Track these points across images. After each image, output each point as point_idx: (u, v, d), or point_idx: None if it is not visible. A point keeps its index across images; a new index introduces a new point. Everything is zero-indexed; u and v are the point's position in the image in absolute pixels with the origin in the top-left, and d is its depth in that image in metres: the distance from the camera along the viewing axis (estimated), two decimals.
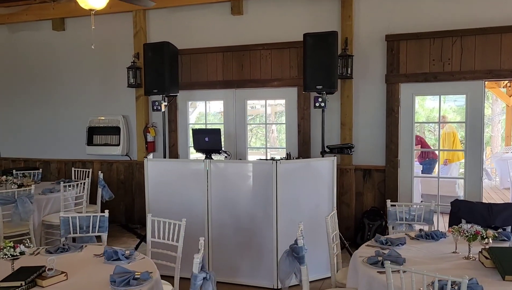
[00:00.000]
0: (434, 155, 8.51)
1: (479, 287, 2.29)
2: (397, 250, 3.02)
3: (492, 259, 2.62)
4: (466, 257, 2.87)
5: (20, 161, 7.76)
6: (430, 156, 8.61)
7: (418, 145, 7.99)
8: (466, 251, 2.89)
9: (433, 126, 10.06)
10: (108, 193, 6.06)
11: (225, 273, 4.58)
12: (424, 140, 9.38)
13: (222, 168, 4.61)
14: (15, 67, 7.71)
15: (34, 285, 2.51)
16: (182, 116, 6.78)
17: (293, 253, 2.83)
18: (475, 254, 2.84)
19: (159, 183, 4.81)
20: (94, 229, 3.59)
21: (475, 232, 2.80)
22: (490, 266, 2.64)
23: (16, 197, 4.81)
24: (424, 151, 8.53)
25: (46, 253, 3.11)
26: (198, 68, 6.58)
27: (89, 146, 7.11)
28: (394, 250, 2.90)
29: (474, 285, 2.29)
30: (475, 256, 2.84)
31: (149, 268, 2.77)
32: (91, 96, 7.25)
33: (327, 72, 4.89)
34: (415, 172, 6.00)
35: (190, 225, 4.64)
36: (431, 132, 11.91)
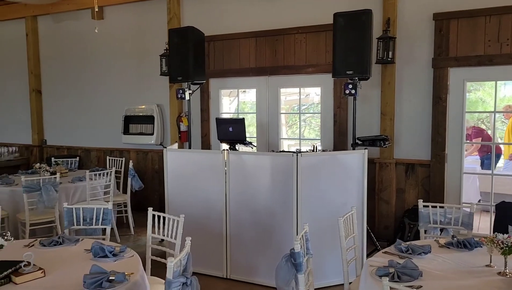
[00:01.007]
0: (498, 149, 7.64)
1: None
2: (418, 260, 2.58)
3: None
4: (501, 273, 2.37)
5: (63, 149, 7.96)
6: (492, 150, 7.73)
7: (479, 138, 7.20)
8: (502, 265, 2.39)
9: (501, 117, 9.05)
10: (138, 183, 5.99)
11: (243, 272, 4.31)
12: (487, 132, 8.47)
13: (241, 159, 4.31)
14: (59, 57, 7.88)
15: (8, 281, 2.38)
16: (214, 105, 6.55)
17: (291, 259, 2.49)
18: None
19: (178, 174, 4.62)
20: (98, 221, 3.45)
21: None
22: None
23: (41, 185, 4.84)
24: (486, 145, 7.68)
25: (40, 246, 3.00)
26: (231, 54, 6.31)
27: (125, 135, 7.11)
28: (410, 260, 2.46)
29: None
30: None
31: (133, 268, 2.55)
32: (127, 85, 7.23)
33: (359, 56, 4.41)
34: (465, 167, 5.35)
35: (208, 220, 4.44)
36: (505, 123, 10.73)
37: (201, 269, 4.53)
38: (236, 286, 4.24)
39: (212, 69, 6.43)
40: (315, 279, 4.00)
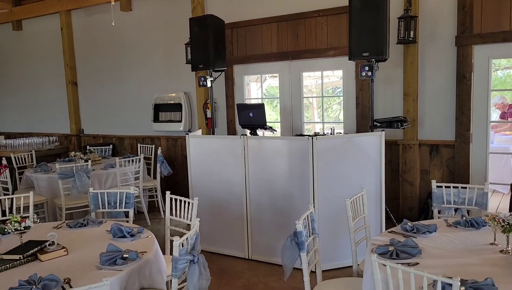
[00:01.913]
0: None
1: (493, 289, 1.85)
2: (422, 239, 2.61)
3: None
4: (503, 251, 2.37)
5: (99, 137, 8.33)
6: None
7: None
8: (505, 244, 2.38)
9: None
10: (167, 169, 6.22)
11: (263, 252, 4.45)
12: None
13: (259, 144, 4.42)
14: (92, 49, 8.21)
15: (34, 259, 2.61)
16: (239, 91, 6.66)
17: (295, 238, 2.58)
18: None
19: (201, 159, 4.79)
20: (121, 205, 3.66)
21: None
22: None
23: (74, 172, 5.14)
24: None
25: (66, 227, 3.25)
26: (253, 40, 6.37)
27: (155, 122, 7.36)
28: (411, 239, 2.50)
29: (487, 287, 1.86)
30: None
31: (147, 247, 2.73)
32: (156, 74, 7.46)
33: (375, 37, 4.37)
34: (496, 147, 5.22)
35: (230, 203, 4.59)
36: None
37: (224, 250, 4.72)
38: (257, 266, 4.39)
39: (236, 56, 6.53)
40: (331, 261, 4.11)
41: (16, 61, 9.42)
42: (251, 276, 4.13)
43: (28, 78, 9.29)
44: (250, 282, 4.00)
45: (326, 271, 4.09)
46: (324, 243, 4.14)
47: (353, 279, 2.77)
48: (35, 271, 2.29)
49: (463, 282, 1.93)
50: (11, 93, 9.67)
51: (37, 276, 2.20)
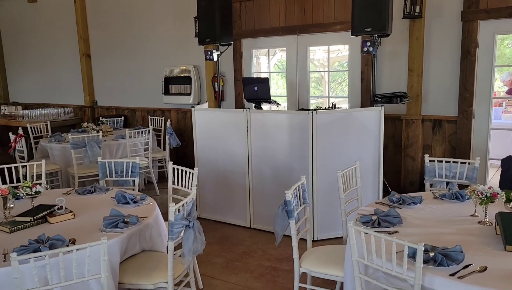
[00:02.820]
0: None
1: (460, 255, 1.99)
2: (406, 210, 2.75)
3: (499, 225, 2.23)
4: (481, 222, 2.49)
5: (112, 109, 8.55)
6: None
7: None
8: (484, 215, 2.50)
9: None
10: (175, 141, 6.41)
11: (264, 222, 4.63)
12: None
13: (261, 117, 4.55)
14: (105, 22, 8.32)
15: (44, 221, 2.83)
16: (247, 65, 6.75)
17: (285, 207, 2.74)
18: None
19: (206, 131, 4.95)
20: (128, 173, 3.86)
21: (492, 194, 2.39)
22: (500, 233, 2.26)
23: (86, 142, 5.36)
24: None
25: (75, 193, 3.46)
26: (261, 14, 6.41)
27: (165, 95, 7.52)
28: (394, 209, 2.63)
29: (455, 253, 2.00)
30: (494, 221, 2.44)
31: (148, 213, 2.92)
32: (167, 47, 7.56)
33: (377, 12, 4.39)
34: (497, 124, 5.24)
35: (233, 174, 4.77)
36: None
37: (227, 219, 4.93)
38: (259, 234, 4.59)
39: (244, 29, 6.58)
40: (328, 231, 4.28)
41: (31, 33, 9.61)
42: (251, 244, 4.33)
43: (44, 50, 9.49)
44: (250, 249, 4.20)
45: (323, 240, 4.27)
46: (322, 214, 4.32)
47: (341, 246, 2.93)
48: (44, 232, 2.51)
49: (434, 249, 2.07)
50: (28, 65, 9.91)
51: (45, 236, 2.41)
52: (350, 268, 2.32)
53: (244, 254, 4.10)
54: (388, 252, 1.98)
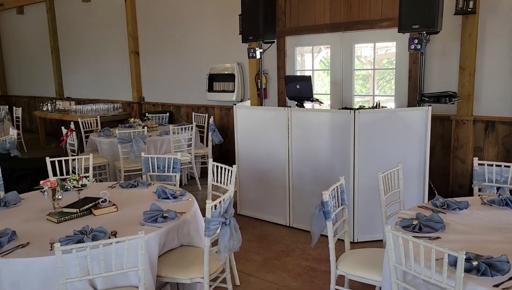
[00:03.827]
0: None
1: (506, 265, 1.88)
2: (451, 215, 2.63)
3: None
4: None
5: (158, 105, 8.77)
6: None
7: None
8: None
9: None
10: (218, 137, 6.48)
11: (304, 221, 4.59)
12: None
13: (302, 116, 4.50)
14: (154, 20, 8.54)
15: (89, 213, 2.94)
16: (290, 63, 6.71)
17: (322, 208, 2.70)
18: None
19: (247, 129, 4.97)
20: (169, 169, 3.94)
21: None
22: None
23: (131, 137, 5.53)
24: None
25: (119, 187, 3.58)
26: (306, 11, 6.34)
27: (209, 92, 7.62)
28: (437, 214, 2.52)
29: (501, 263, 1.89)
30: None
31: (187, 209, 2.97)
32: (212, 44, 7.65)
33: (426, 8, 4.21)
34: None
35: (273, 172, 4.77)
36: None
37: (266, 217, 4.93)
38: (297, 233, 4.56)
39: (288, 27, 6.54)
40: (369, 233, 4.19)
41: (85, 31, 10.03)
42: (290, 243, 4.31)
43: (96, 47, 9.88)
44: (288, 248, 4.18)
45: (363, 242, 4.18)
46: (362, 216, 4.23)
47: (380, 250, 2.85)
48: (88, 223, 2.61)
49: (478, 257, 1.97)
50: (81, 62, 10.36)
51: (89, 227, 2.51)
52: (388, 273, 2.25)
53: (282, 253, 4.08)
54: (428, 259, 1.90)
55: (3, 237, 2.37)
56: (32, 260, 2.26)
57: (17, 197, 3.20)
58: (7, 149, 5.13)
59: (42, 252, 2.32)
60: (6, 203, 3.08)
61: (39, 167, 4.47)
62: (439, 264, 1.88)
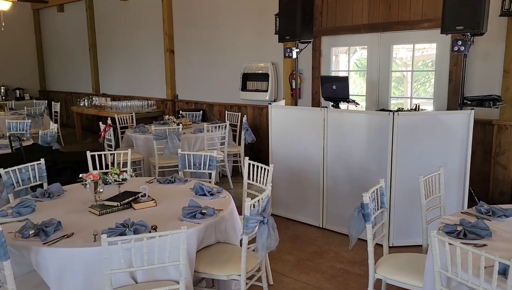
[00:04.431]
0: None
1: None
2: (497, 222, 2.55)
3: None
4: None
5: (191, 103, 8.87)
6: None
7: None
8: None
9: None
10: (251, 136, 6.49)
11: (337, 223, 4.55)
12: None
13: (339, 117, 4.46)
14: (189, 18, 8.63)
15: (129, 207, 3.00)
16: (325, 63, 6.65)
17: (362, 210, 2.66)
18: None
19: (281, 128, 4.96)
20: (205, 166, 3.97)
21: None
22: None
23: (167, 134, 5.61)
24: None
25: (157, 183, 3.63)
26: (343, 11, 6.27)
27: (242, 91, 7.64)
28: (482, 221, 2.44)
29: None
30: None
31: (224, 206, 2.98)
32: (246, 43, 7.68)
33: (471, 8, 4.09)
34: None
35: (306, 173, 4.74)
36: None
37: (299, 217, 4.90)
38: (330, 235, 4.51)
39: (325, 27, 6.49)
40: (405, 237, 4.11)
41: (122, 29, 10.24)
42: (323, 244, 4.27)
43: (132, 45, 10.08)
44: (322, 250, 4.15)
45: (399, 247, 4.10)
46: (399, 220, 4.15)
47: (419, 255, 2.79)
48: (129, 217, 2.65)
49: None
50: (117, 59, 10.59)
51: (130, 221, 2.55)
52: (430, 279, 2.20)
53: (316, 254, 4.05)
54: (475, 266, 1.84)
55: (49, 227, 2.44)
56: (76, 250, 2.32)
57: (60, 189, 3.30)
58: (48, 142, 5.30)
59: (86, 243, 2.37)
60: (50, 194, 3.18)
61: (78, 160, 4.58)
62: (487, 273, 1.82)
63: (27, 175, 3.49)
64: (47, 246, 2.32)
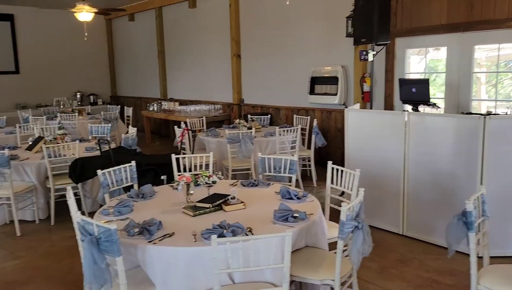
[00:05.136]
0: None
1: None
2: None
3: None
4: None
5: (257, 107, 8.95)
6: None
7: None
8: None
9: None
10: (321, 140, 6.44)
11: (419, 230, 4.39)
12: None
13: (422, 120, 4.30)
14: (256, 23, 8.73)
15: (220, 209, 3.06)
16: (399, 65, 6.47)
17: (463, 218, 2.54)
18: None
19: (358, 132, 4.87)
20: (285, 170, 3.98)
21: None
22: None
23: (240, 138, 5.69)
24: None
25: (241, 185, 3.68)
26: (420, 11, 6.07)
27: (311, 95, 7.60)
28: None
29: None
30: None
31: (313, 210, 2.97)
32: (314, 46, 7.64)
33: None
34: None
35: (386, 177, 4.62)
36: None
37: (377, 223, 4.78)
38: (413, 242, 4.36)
39: (399, 28, 6.31)
40: (500, 248, 3.88)
41: (190, 36, 10.55)
42: (405, 252, 4.14)
43: (199, 51, 10.34)
44: (405, 258, 4.02)
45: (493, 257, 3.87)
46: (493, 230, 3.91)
47: None
48: (221, 218, 2.71)
49: None
50: (184, 65, 10.91)
51: (226, 222, 2.60)
52: None
53: (399, 262, 3.93)
54: None
55: (153, 226, 2.55)
56: (179, 250, 2.40)
57: (152, 190, 3.43)
58: (129, 145, 5.55)
59: (188, 242, 2.45)
60: (143, 195, 3.31)
61: (160, 163, 4.76)
62: None
63: (120, 176, 3.66)
64: (152, 244, 2.42)
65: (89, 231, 2.32)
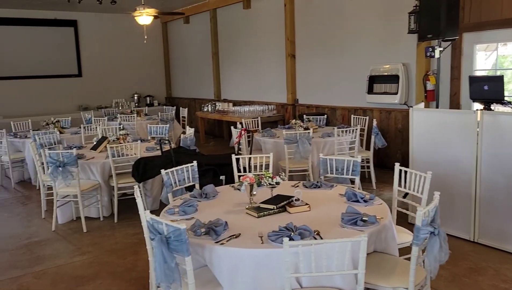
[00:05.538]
0: None
1: None
2: None
3: None
4: None
5: (312, 107, 8.81)
6: None
7: None
8: None
9: None
10: (381, 141, 6.22)
11: (493, 237, 4.11)
12: None
13: (497, 120, 4.01)
14: (311, 23, 8.60)
15: (284, 210, 2.99)
16: (467, 62, 6.12)
17: None
18: None
19: (424, 132, 4.63)
20: (348, 171, 3.85)
21: None
22: None
23: (297, 138, 5.60)
24: None
25: (303, 187, 3.60)
26: (490, 5, 5.71)
27: (369, 94, 7.37)
28: None
29: None
30: None
31: (382, 213, 2.83)
32: (372, 45, 7.41)
33: None
34: None
35: (455, 179, 4.38)
36: None
37: (444, 228, 4.47)
38: (486, 250, 4.08)
39: (467, 23, 5.97)
40: None
41: (244, 36, 10.58)
42: (478, 260, 3.88)
43: (252, 51, 10.35)
44: (478, 266, 3.76)
45: None
46: None
47: None
48: (285, 220, 2.64)
49: None
50: (238, 65, 10.96)
51: (292, 224, 2.52)
52: None
53: (472, 271, 3.68)
54: None
55: (219, 227, 2.52)
56: (247, 251, 2.36)
57: (214, 190, 3.42)
58: (188, 145, 5.61)
59: (255, 244, 2.40)
60: (206, 195, 3.31)
61: (219, 163, 4.77)
62: None
63: (182, 176, 3.68)
64: (219, 245, 2.39)
65: (159, 230, 2.32)
